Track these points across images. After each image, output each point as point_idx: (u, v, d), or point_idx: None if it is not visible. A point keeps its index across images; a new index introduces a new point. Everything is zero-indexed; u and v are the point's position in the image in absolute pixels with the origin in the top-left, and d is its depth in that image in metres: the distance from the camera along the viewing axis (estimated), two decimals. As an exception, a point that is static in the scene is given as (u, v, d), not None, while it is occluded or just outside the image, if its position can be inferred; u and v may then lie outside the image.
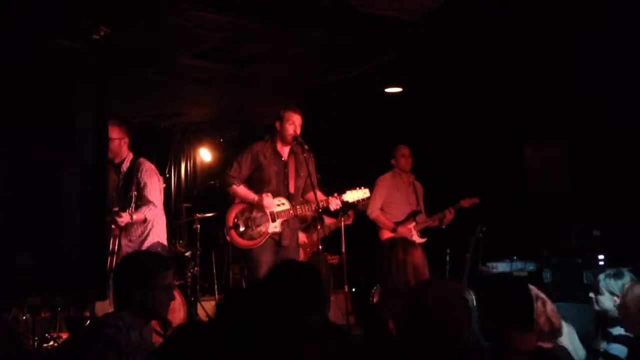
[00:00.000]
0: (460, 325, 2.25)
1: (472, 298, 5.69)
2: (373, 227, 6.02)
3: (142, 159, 4.60)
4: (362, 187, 4.92)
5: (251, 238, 4.62)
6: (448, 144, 6.80)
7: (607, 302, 3.31)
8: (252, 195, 4.65)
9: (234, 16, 4.37)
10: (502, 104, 6.18)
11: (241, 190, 4.68)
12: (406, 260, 3.00)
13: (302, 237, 5.73)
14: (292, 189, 4.77)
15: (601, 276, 3.41)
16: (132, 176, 4.50)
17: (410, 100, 6.64)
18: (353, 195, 4.85)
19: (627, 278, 3.30)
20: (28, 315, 4.61)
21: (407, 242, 3.18)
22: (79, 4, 4.06)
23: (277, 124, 4.74)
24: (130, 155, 4.61)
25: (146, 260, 2.92)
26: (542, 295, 2.82)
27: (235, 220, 4.67)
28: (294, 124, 4.68)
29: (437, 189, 6.22)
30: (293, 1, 4.19)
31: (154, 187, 4.52)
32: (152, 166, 4.62)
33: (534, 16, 4.45)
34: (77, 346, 2.54)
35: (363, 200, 4.96)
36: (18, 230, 2.24)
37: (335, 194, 4.78)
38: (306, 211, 4.80)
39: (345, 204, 4.85)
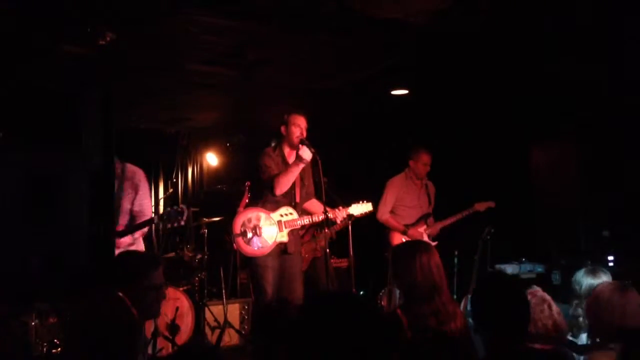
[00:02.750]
0: None
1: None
2: (381, 230, 6.00)
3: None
4: (366, 201, 4.94)
5: (258, 247, 4.60)
6: (455, 146, 6.78)
7: None
8: (293, 165, 4.55)
9: (239, 21, 4.38)
10: (509, 105, 6.16)
11: (281, 174, 4.58)
12: (430, 263, 2.98)
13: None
14: (298, 198, 4.77)
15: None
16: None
17: (416, 102, 6.63)
18: (358, 209, 4.87)
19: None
20: (37, 321, 4.62)
21: (426, 245, 3.15)
22: (85, 10, 4.08)
23: (283, 129, 4.73)
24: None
25: (134, 260, 2.89)
26: (548, 297, 2.82)
27: (242, 228, 4.65)
28: (299, 126, 4.67)
29: (445, 191, 6.20)
30: (298, 5, 4.19)
31: None
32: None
33: (539, 16, 4.44)
34: (67, 348, 2.54)
35: (367, 213, 5.01)
36: (25, 234, 2.25)
37: (340, 207, 4.79)
38: (312, 221, 4.79)
39: (350, 217, 4.87)
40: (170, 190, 7.92)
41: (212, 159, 8.39)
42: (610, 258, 4.94)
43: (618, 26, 4.50)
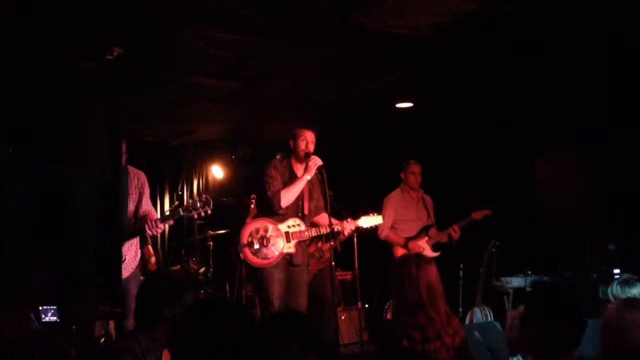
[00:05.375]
0: None
1: (488, 313, 5.69)
2: (386, 243, 6.00)
3: None
4: (376, 214, 4.93)
5: (265, 257, 4.61)
6: (460, 159, 6.79)
7: None
8: (298, 179, 4.60)
9: (244, 35, 4.42)
10: (513, 118, 6.17)
11: (286, 187, 4.62)
12: (419, 276, 2.97)
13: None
14: (306, 211, 4.78)
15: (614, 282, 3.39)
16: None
17: (421, 115, 6.65)
18: (368, 221, 4.86)
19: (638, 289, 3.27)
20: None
21: (420, 258, 3.13)
22: (92, 26, 4.12)
23: (291, 143, 4.76)
24: None
25: (175, 281, 2.93)
26: None
27: (250, 238, 4.66)
28: (305, 140, 4.70)
29: (450, 204, 6.19)
30: (303, 19, 4.23)
31: None
32: None
33: (544, 29, 4.47)
34: None
35: (376, 226, 4.99)
36: (34, 248, 2.26)
37: (349, 219, 4.79)
38: (319, 233, 4.80)
39: (359, 230, 4.87)
40: (176, 203, 7.94)
41: (217, 171, 8.41)
42: (616, 271, 4.92)
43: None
